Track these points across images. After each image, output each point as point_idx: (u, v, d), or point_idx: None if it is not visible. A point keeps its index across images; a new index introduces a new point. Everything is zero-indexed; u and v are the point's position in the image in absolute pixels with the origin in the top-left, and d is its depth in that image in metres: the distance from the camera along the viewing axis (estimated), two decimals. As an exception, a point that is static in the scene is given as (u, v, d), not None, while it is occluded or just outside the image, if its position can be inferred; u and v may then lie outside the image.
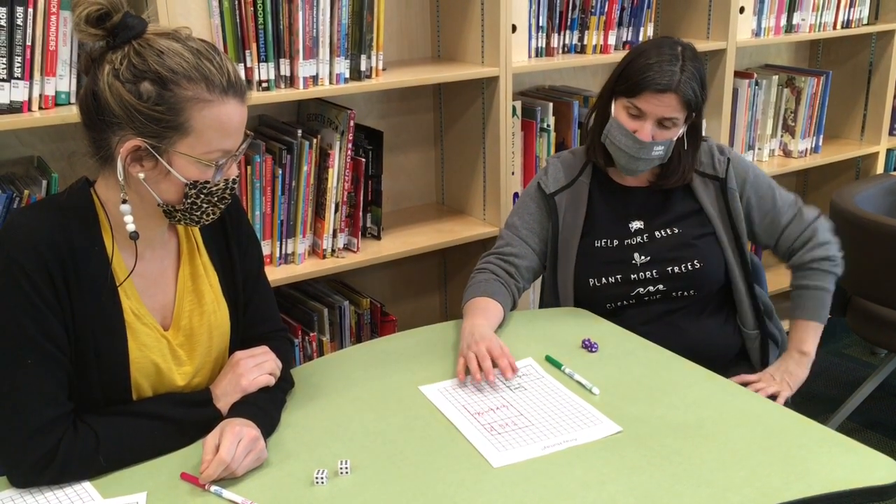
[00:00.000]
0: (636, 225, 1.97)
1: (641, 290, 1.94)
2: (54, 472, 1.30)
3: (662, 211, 1.97)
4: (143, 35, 1.30)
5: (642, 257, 1.94)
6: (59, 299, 1.32)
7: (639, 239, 1.96)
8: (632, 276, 1.94)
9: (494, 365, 1.61)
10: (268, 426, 1.44)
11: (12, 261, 1.28)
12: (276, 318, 1.66)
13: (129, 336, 1.40)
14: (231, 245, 1.56)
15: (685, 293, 1.96)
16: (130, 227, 1.35)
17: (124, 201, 1.34)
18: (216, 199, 1.38)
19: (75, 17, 1.28)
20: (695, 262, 1.93)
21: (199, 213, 1.38)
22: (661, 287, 1.94)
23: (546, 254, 2.02)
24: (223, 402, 1.45)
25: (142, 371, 1.42)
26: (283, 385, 1.55)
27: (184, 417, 1.41)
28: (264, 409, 1.45)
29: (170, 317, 1.47)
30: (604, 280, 1.95)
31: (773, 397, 1.84)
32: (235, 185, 1.40)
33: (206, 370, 1.52)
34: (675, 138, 1.87)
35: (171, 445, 1.40)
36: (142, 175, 1.32)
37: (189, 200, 1.35)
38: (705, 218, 1.96)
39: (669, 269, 1.93)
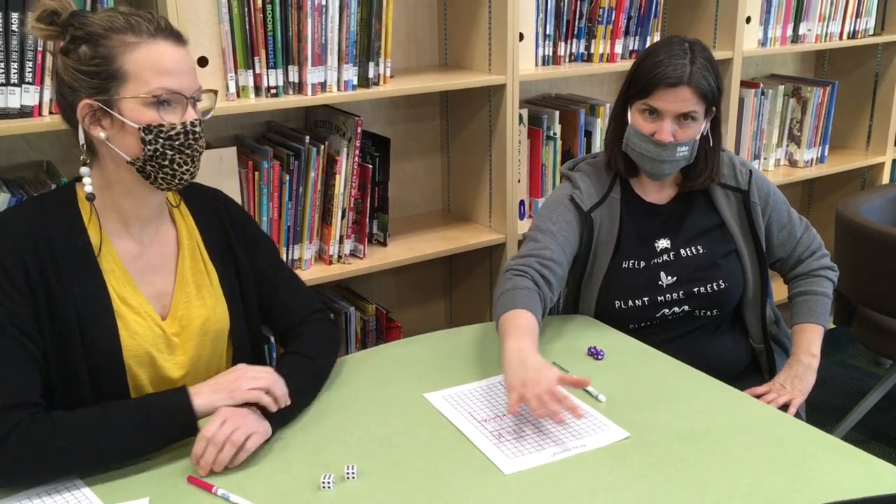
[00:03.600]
0: (663, 244, 1.93)
1: (667, 311, 1.92)
2: (6, 460, 1.27)
3: (686, 227, 1.94)
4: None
5: (669, 277, 1.91)
6: (33, 289, 1.36)
7: (665, 258, 1.93)
8: (658, 299, 1.90)
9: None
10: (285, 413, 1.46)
11: None
12: (309, 302, 1.69)
13: (118, 324, 1.42)
14: (235, 249, 1.59)
15: (708, 312, 1.94)
16: (88, 189, 1.41)
17: (84, 163, 1.40)
18: (177, 144, 1.39)
19: (28, 24, 1.40)
20: (720, 282, 1.91)
21: (168, 164, 1.40)
22: (685, 307, 1.92)
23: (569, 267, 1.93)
24: (202, 397, 1.38)
25: (136, 359, 1.44)
26: (310, 367, 1.57)
27: (147, 400, 1.39)
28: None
29: (168, 305, 1.50)
30: (630, 303, 1.91)
31: (786, 407, 1.83)
32: (196, 130, 1.41)
33: (201, 365, 1.54)
34: (698, 136, 1.83)
35: (133, 433, 1.33)
36: (103, 135, 1.38)
37: (149, 148, 1.37)
38: (727, 233, 1.94)
39: (696, 289, 1.91)
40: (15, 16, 1.71)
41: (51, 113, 1.81)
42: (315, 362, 1.59)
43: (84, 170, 1.41)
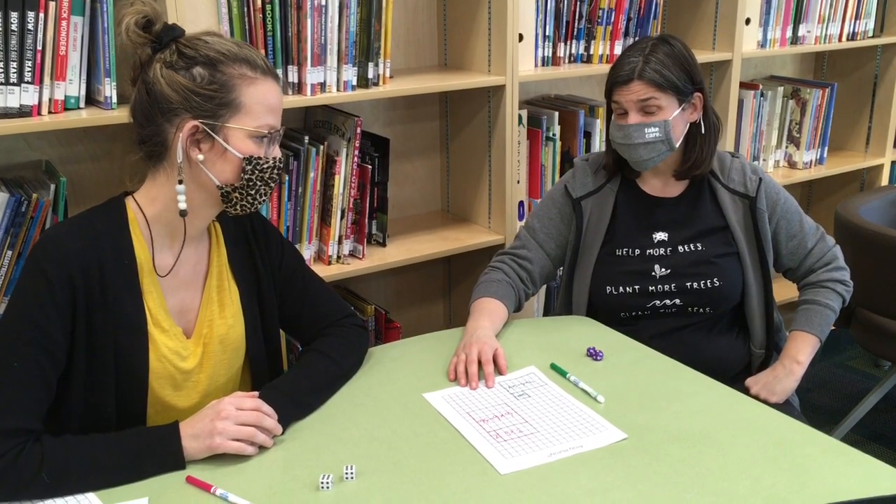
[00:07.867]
0: (660, 236, 1.96)
1: (658, 302, 1.94)
2: None
3: (688, 225, 1.97)
4: (183, 36, 1.42)
5: (662, 269, 1.94)
6: (76, 307, 1.36)
7: (661, 251, 1.95)
8: (650, 288, 1.93)
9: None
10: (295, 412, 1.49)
11: (41, 269, 1.34)
12: (337, 309, 1.70)
13: (149, 346, 1.43)
14: (258, 267, 1.60)
15: (701, 310, 1.95)
16: (182, 206, 1.41)
17: (180, 182, 1.40)
18: (267, 177, 1.44)
19: (123, 26, 1.38)
20: (714, 279, 1.92)
21: (253, 193, 1.44)
22: (677, 301, 1.94)
23: (562, 258, 2.04)
24: (187, 441, 1.37)
25: (160, 380, 1.45)
26: (330, 367, 1.59)
27: (138, 439, 1.37)
28: (289, 394, 1.50)
29: (193, 321, 1.51)
30: (621, 289, 1.94)
31: None
32: (280, 166, 1.47)
33: (220, 383, 1.55)
34: (668, 118, 1.86)
35: (119, 470, 1.32)
36: (201, 157, 1.40)
37: (245, 176, 1.41)
38: (730, 236, 1.95)
39: (688, 284, 1.93)
40: (14, 15, 1.71)
41: (50, 112, 1.81)
42: (334, 361, 1.60)
43: (180, 187, 1.40)
